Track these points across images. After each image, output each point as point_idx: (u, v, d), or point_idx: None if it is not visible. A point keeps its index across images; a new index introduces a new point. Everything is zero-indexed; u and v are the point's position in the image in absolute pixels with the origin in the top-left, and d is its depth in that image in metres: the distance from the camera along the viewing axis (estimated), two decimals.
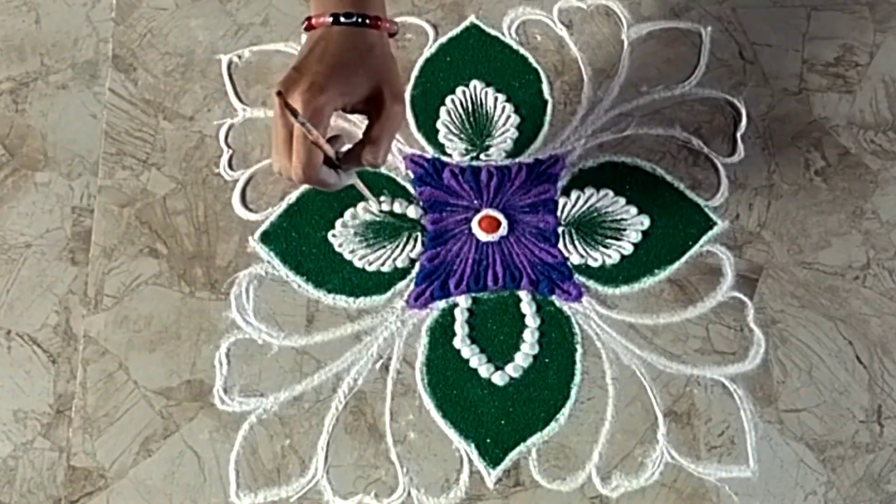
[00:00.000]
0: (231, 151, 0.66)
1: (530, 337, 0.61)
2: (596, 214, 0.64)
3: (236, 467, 0.58)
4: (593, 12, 0.70)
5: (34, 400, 0.60)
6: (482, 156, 0.66)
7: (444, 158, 0.66)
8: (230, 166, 0.66)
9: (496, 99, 0.67)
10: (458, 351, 0.61)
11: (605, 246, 0.63)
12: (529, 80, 0.68)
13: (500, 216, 0.64)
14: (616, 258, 0.63)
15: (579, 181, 0.65)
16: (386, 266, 0.63)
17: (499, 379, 0.60)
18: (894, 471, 0.57)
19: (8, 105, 0.69)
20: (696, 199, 0.64)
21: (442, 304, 0.62)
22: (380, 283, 0.63)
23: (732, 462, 0.58)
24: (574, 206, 0.64)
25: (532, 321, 0.61)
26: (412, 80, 0.68)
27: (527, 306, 0.62)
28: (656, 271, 0.63)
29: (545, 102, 0.68)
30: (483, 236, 0.63)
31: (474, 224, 0.64)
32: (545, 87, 0.68)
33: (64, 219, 0.65)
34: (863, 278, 0.62)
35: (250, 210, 0.65)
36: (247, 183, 0.65)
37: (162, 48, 0.70)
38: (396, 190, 0.65)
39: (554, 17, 0.70)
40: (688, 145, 0.66)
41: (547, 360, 0.60)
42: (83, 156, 0.67)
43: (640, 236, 0.63)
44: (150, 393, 0.60)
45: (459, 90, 0.68)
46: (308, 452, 0.58)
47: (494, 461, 0.58)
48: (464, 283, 0.62)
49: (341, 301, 0.62)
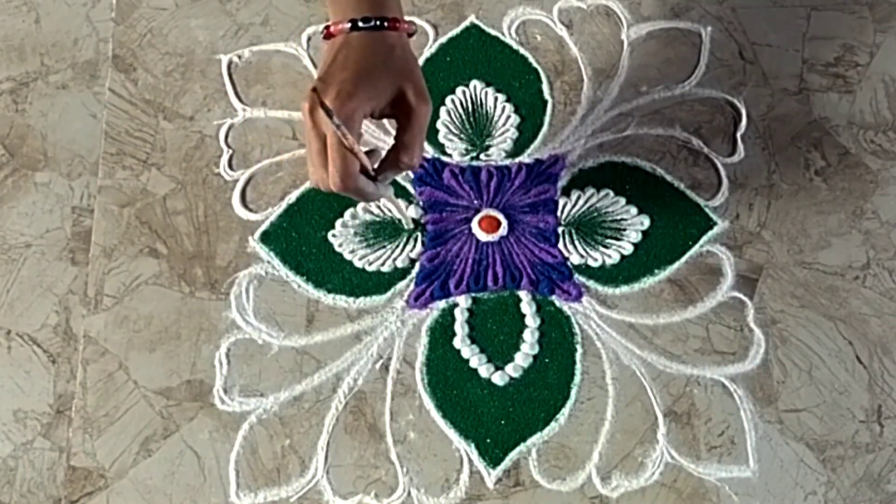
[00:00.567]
0: (231, 151, 0.66)
1: (530, 337, 0.61)
2: (596, 214, 0.64)
3: (236, 467, 0.58)
4: (593, 12, 0.70)
5: (34, 400, 0.60)
6: (482, 156, 0.66)
7: (444, 158, 0.66)
8: (230, 166, 0.66)
9: (496, 99, 0.67)
10: (458, 351, 0.61)
11: (605, 246, 0.63)
12: (529, 80, 0.68)
13: (500, 216, 0.64)
14: (616, 258, 0.63)
15: (579, 181, 0.65)
16: (386, 266, 0.63)
17: (499, 379, 0.60)
18: (894, 471, 0.57)
19: (8, 105, 0.69)
20: (696, 199, 0.64)
21: (442, 304, 0.62)
22: (380, 283, 0.63)
23: (732, 462, 0.58)
24: (574, 206, 0.64)
25: (532, 321, 0.61)
26: None
27: (527, 306, 0.62)
28: (656, 271, 0.63)
29: (545, 102, 0.68)
30: (483, 236, 0.63)
31: (474, 224, 0.64)
32: (545, 87, 0.68)
33: (64, 219, 0.65)
34: (863, 278, 0.62)
35: (250, 210, 0.65)
36: (247, 183, 0.65)
37: (162, 48, 0.70)
38: (396, 190, 0.65)
39: (554, 17, 0.70)
40: (688, 145, 0.66)
41: (547, 360, 0.60)
42: (83, 156, 0.67)
43: (640, 236, 0.63)
44: (150, 393, 0.60)
45: (459, 90, 0.68)
46: (308, 452, 0.58)
47: (494, 461, 0.58)
48: (464, 283, 0.62)
49: (341, 301, 0.62)
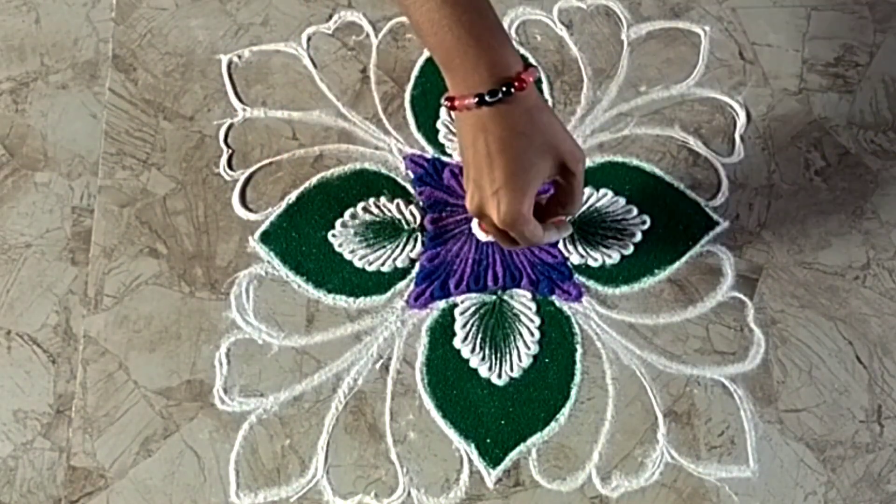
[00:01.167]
0: (231, 151, 0.66)
1: (530, 337, 0.61)
2: (596, 214, 0.64)
3: (236, 467, 0.58)
4: (593, 12, 0.71)
5: (34, 400, 0.60)
6: None
7: (444, 158, 0.66)
8: (230, 166, 0.66)
9: None
10: (458, 351, 0.61)
11: (605, 246, 0.63)
12: None
13: None
14: (616, 258, 0.63)
15: None
16: (386, 266, 0.63)
17: (499, 379, 0.60)
18: (894, 471, 0.57)
19: (8, 105, 0.69)
20: (696, 199, 0.64)
21: (442, 304, 0.62)
22: (380, 283, 0.63)
23: (732, 462, 0.58)
24: None
25: (532, 321, 0.61)
26: (412, 80, 0.68)
27: (527, 306, 0.62)
28: (656, 271, 0.63)
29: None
30: (483, 236, 0.63)
31: (474, 224, 0.64)
32: (545, 87, 0.68)
33: (64, 219, 0.65)
34: (863, 278, 0.62)
35: (250, 210, 0.65)
36: (247, 183, 0.65)
37: (162, 48, 0.70)
38: (396, 190, 0.65)
39: (554, 17, 0.70)
40: (687, 145, 0.66)
41: (547, 360, 0.60)
42: (83, 156, 0.67)
43: (640, 236, 0.63)
44: (150, 393, 0.60)
45: None
46: (308, 452, 0.58)
47: (494, 461, 0.58)
48: (464, 283, 0.62)
49: (341, 301, 0.62)
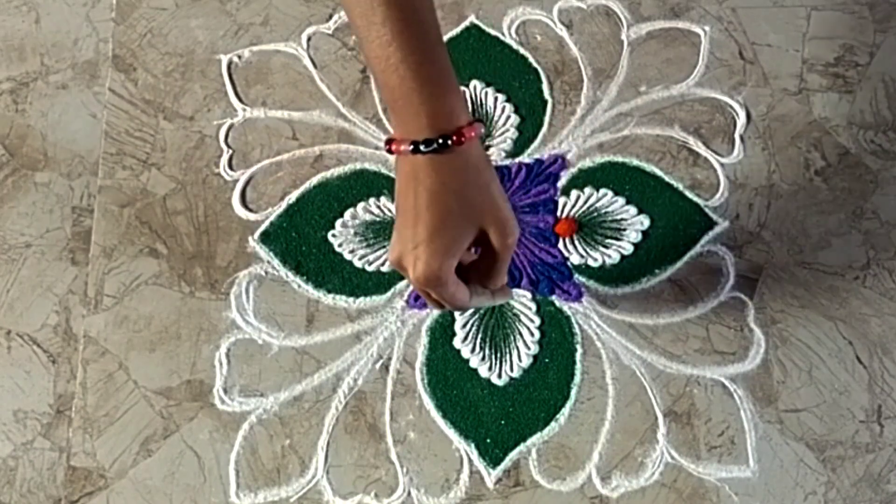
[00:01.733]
0: (231, 151, 0.66)
1: (530, 337, 0.61)
2: (596, 214, 0.64)
3: (236, 467, 0.58)
4: (593, 12, 0.70)
5: (34, 400, 0.60)
6: None
7: None
8: (230, 166, 0.66)
9: (496, 99, 0.67)
10: (458, 351, 0.61)
11: (605, 246, 0.63)
12: (529, 80, 0.68)
13: None
14: (616, 258, 0.63)
15: (579, 181, 0.65)
16: (386, 266, 0.63)
17: (499, 379, 0.60)
18: (894, 471, 0.57)
19: (8, 105, 0.69)
20: (696, 199, 0.64)
21: None
22: (380, 283, 0.63)
23: (732, 462, 0.58)
24: (574, 206, 0.64)
25: (532, 321, 0.61)
26: None
27: (527, 306, 0.62)
28: (656, 271, 0.63)
29: (545, 102, 0.68)
30: None
31: None
32: (545, 87, 0.68)
33: (64, 219, 0.65)
34: (863, 278, 0.62)
35: (250, 210, 0.65)
36: (247, 183, 0.65)
37: (162, 48, 0.70)
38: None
39: (554, 17, 0.70)
40: (687, 145, 0.66)
41: (547, 360, 0.60)
42: (83, 156, 0.67)
43: (640, 236, 0.63)
44: (150, 393, 0.60)
45: None
46: (308, 452, 0.58)
47: (494, 461, 0.58)
48: None
49: (341, 301, 0.62)
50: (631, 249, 0.63)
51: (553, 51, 0.69)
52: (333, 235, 0.64)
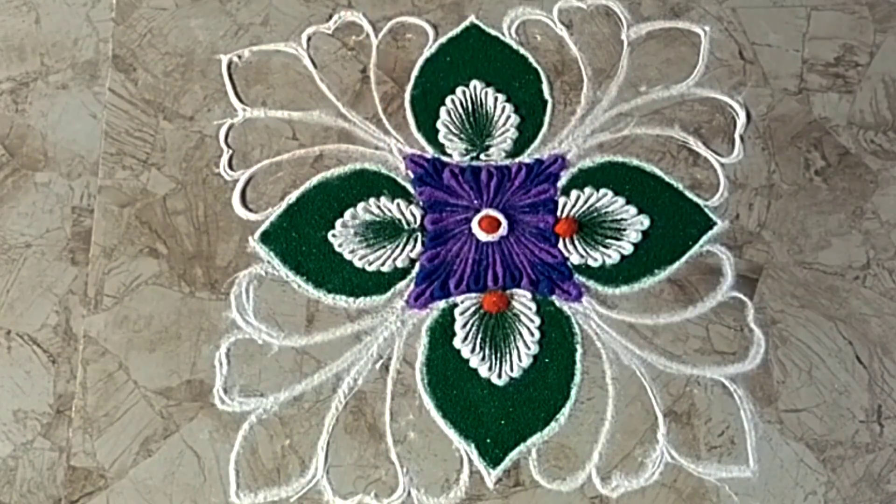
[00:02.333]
0: (231, 151, 0.66)
1: (530, 337, 0.61)
2: (596, 214, 0.64)
3: (236, 467, 0.58)
4: (593, 12, 0.70)
5: (34, 400, 0.60)
6: (482, 156, 0.66)
7: (444, 158, 0.66)
8: (230, 166, 0.66)
9: (496, 99, 0.67)
10: (458, 351, 0.61)
11: (605, 246, 0.63)
12: (529, 80, 0.68)
13: (500, 216, 0.64)
14: (616, 258, 0.63)
15: (579, 181, 0.65)
16: (386, 266, 0.63)
17: (499, 379, 0.60)
18: (894, 471, 0.57)
19: (8, 105, 0.69)
20: (696, 199, 0.64)
21: (442, 304, 0.62)
22: (380, 283, 0.62)
23: (732, 462, 0.58)
24: (574, 206, 0.64)
25: (532, 321, 0.61)
26: (412, 80, 0.68)
27: (527, 306, 0.62)
28: (656, 271, 0.63)
29: (545, 102, 0.68)
30: (483, 236, 0.63)
31: (474, 224, 0.64)
32: (545, 87, 0.68)
33: (64, 219, 0.65)
34: (863, 278, 0.62)
35: (250, 210, 0.65)
36: (247, 183, 0.65)
37: (162, 48, 0.70)
38: (396, 190, 0.65)
39: (554, 17, 0.70)
40: (687, 145, 0.66)
41: (547, 360, 0.60)
42: (83, 156, 0.67)
43: (640, 236, 0.63)
44: (150, 393, 0.60)
45: (459, 90, 0.68)
46: (308, 452, 0.58)
47: (494, 461, 0.58)
48: (464, 283, 0.62)
49: (341, 301, 0.62)
50: (631, 249, 0.63)
51: (553, 51, 0.69)
52: (333, 235, 0.64)
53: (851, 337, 0.61)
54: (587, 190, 0.65)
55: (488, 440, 0.59)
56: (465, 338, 0.61)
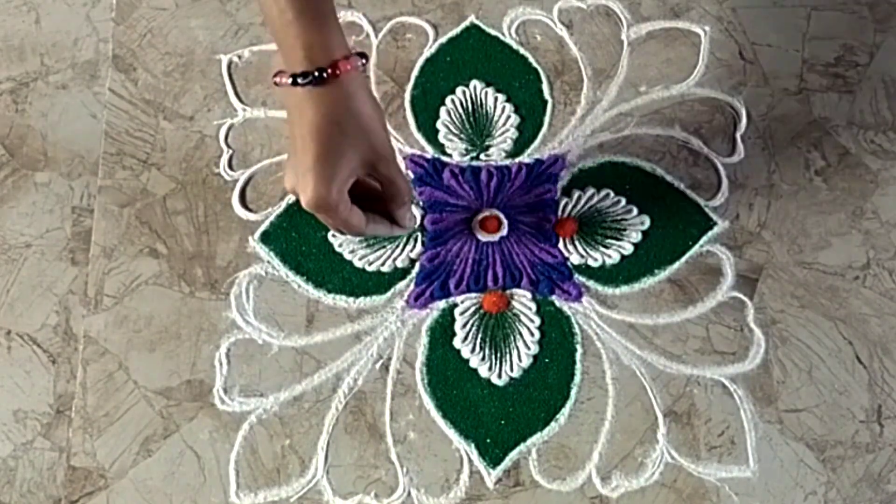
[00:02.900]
0: (231, 151, 0.66)
1: (530, 337, 0.61)
2: (596, 214, 0.64)
3: (236, 467, 0.58)
4: (593, 12, 0.71)
5: (34, 400, 0.60)
6: (482, 156, 0.66)
7: (444, 158, 0.66)
8: (230, 166, 0.66)
9: (496, 99, 0.67)
10: (458, 351, 0.61)
11: (605, 246, 0.63)
12: (529, 80, 0.68)
13: (501, 216, 0.64)
14: (616, 258, 0.63)
15: (579, 181, 0.65)
16: (386, 266, 0.63)
17: (499, 379, 0.60)
18: (894, 471, 0.57)
19: (8, 105, 0.69)
20: (696, 199, 0.64)
21: (442, 304, 0.62)
22: (380, 283, 0.63)
23: (732, 462, 0.58)
24: (574, 206, 0.64)
25: (532, 321, 0.61)
26: (412, 80, 0.68)
27: (527, 306, 0.62)
28: (656, 271, 0.63)
29: (545, 102, 0.68)
30: (483, 236, 0.63)
31: (474, 224, 0.64)
32: (545, 87, 0.68)
33: (64, 219, 0.65)
34: (863, 278, 0.62)
35: (250, 210, 0.65)
36: (247, 183, 0.65)
37: (162, 48, 0.70)
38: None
39: (554, 17, 0.70)
40: (687, 145, 0.66)
41: (547, 360, 0.60)
42: (83, 156, 0.67)
43: (640, 236, 0.63)
44: (150, 393, 0.60)
45: (459, 90, 0.68)
46: (308, 452, 0.58)
47: (494, 461, 0.58)
48: (464, 283, 0.62)
49: (341, 301, 0.62)
50: (631, 249, 0.63)
51: (553, 51, 0.69)
52: (333, 235, 0.64)
53: (851, 337, 0.61)
54: (587, 190, 0.65)
55: (488, 440, 0.59)
56: (465, 338, 0.61)
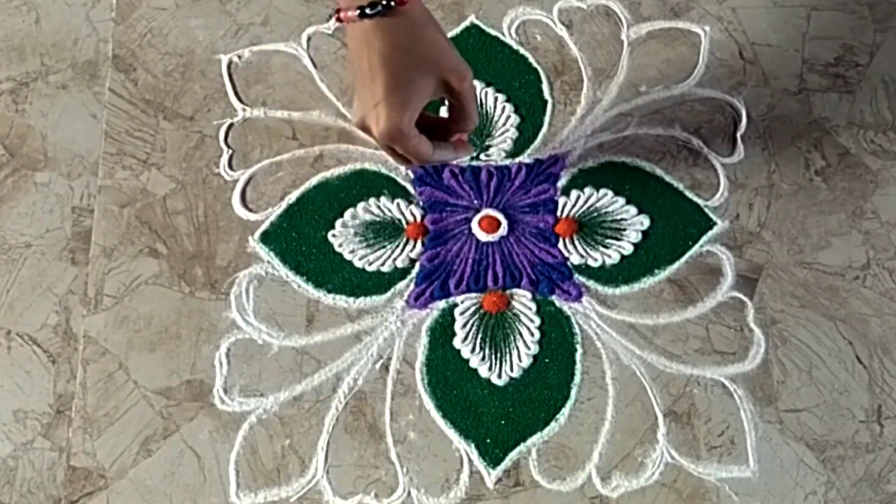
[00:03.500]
0: (231, 151, 0.66)
1: (530, 337, 0.61)
2: (596, 214, 0.64)
3: (236, 467, 0.58)
4: (593, 12, 0.70)
5: (34, 400, 0.60)
6: (482, 156, 0.66)
7: None
8: (230, 166, 0.66)
9: (496, 99, 0.67)
10: (458, 351, 0.61)
11: (605, 246, 0.63)
12: (529, 80, 0.68)
13: (500, 216, 0.64)
14: (616, 258, 0.63)
15: (579, 181, 0.65)
16: (386, 266, 0.63)
17: (499, 379, 0.60)
18: (894, 471, 0.57)
19: (8, 105, 0.69)
20: (696, 199, 0.64)
21: (442, 304, 0.62)
22: (380, 283, 0.63)
23: (732, 462, 0.58)
24: (574, 206, 0.64)
25: (532, 321, 0.61)
26: None
27: (527, 306, 0.62)
28: (656, 271, 0.63)
29: (545, 102, 0.68)
30: (483, 236, 0.63)
31: (474, 224, 0.64)
32: (545, 87, 0.68)
33: (64, 219, 0.65)
34: (863, 278, 0.62)
35: (250, 210, 0.65)
36: (247, 183, 0.65)
37: (162, 48, 0.70)
38: (396, 190, 0.65)
39: (554, 17, 0.70)
40: (687, 145, 0.66)
41: (547, 360, 0.60)
42: (83, 156, 0.67)
43: (640, 236, 0.63)
44: (150, 393, 0.60)
45: None
46: (308, 452, 0.58)
47: (494, 461, 0.58)
48: (464, 283, 0.62)
49: (341, 301, 0.62)
50: (631, 249, 0.63)
51: (553, 51, 0.69)
52: (333, 235, 0.64)
53: (851, 337, 0.61)
54: (587, 190, 0.65)
55: (488, 440, 0.59)
56: (465, 338, 0.61)
